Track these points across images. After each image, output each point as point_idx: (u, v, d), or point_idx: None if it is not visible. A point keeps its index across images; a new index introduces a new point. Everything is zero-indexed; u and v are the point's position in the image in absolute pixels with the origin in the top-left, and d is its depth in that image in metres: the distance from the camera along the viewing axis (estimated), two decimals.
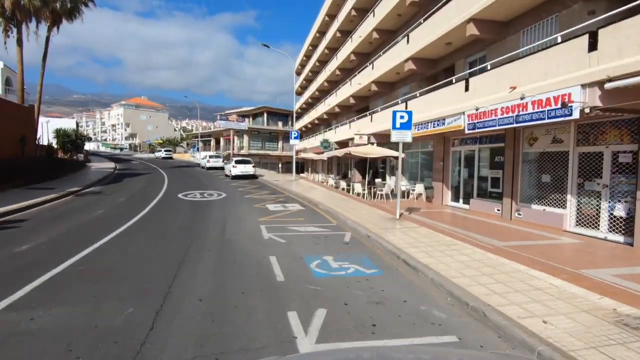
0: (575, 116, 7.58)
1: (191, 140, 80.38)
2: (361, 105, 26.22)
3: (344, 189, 20.07)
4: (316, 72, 39.74)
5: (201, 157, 43.06)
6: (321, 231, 9.18)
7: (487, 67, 11.18)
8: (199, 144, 67.32)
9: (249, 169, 24.66)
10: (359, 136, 20.73)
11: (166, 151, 57.67)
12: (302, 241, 8.06)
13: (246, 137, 56.81)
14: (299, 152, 36.23)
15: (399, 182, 10.50)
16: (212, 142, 67.60)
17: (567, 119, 7.82)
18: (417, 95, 15.34)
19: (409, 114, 10.23)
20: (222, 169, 30.86)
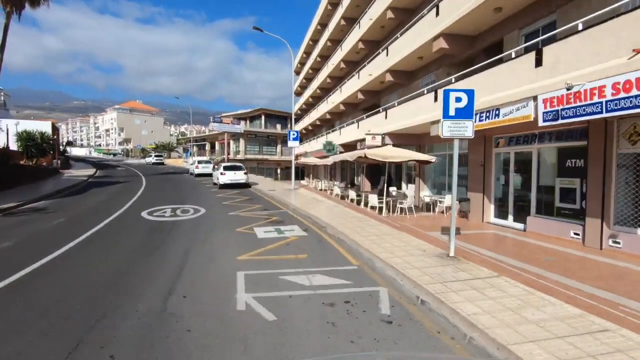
0: None
1: (186, 144, 76.85)
2: (371, 101, 22.64)
3: (353, 200, 16.44)
4: (317, 69, 36.25)
5: (190, 162, 39.41)
6: (337, 287, 5.47)
7: (578, 26, 7.56)
8: (193, 149, 63.76)
9: (239, 177, 20.92)
10: (372, 136, 17.11)
11: (157, 156, 54.02)
12: (306, 317, 4.38)
13: (242, 141, 53.26)
14: (298, 156, 32.62)
15: (454, 198, 6.84)
16: (207, 147, 64.03)
17: None
18: (453, 80, 11.72)
19: (469, 94, 6.57)
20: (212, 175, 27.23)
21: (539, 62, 8.27)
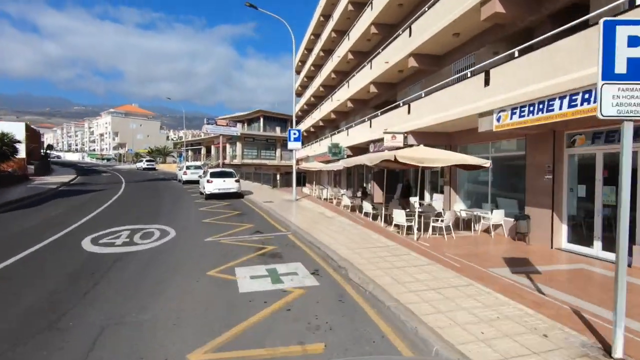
0: None
1: (181, 149, 73.64)
2: (385, 95, 19.35)
3: (367, 215, 13.11)
4: (319, 65, 33.01)
5: (178, 168, 35.96)
6: None
7: None
8: (188, 153, 60.46)
9: (229, 185, 17.43)
10: (391, 136, 13.80)
11: (148, 161, 50.58)
12: None
13: (239, 145, 49.95)
14: (299, 160, 29.27)
15: (623, 228, 3.62)
16: (203, 151, 60.70)
17: None
18: (516, 54, 8.39)
19: None
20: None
21: None
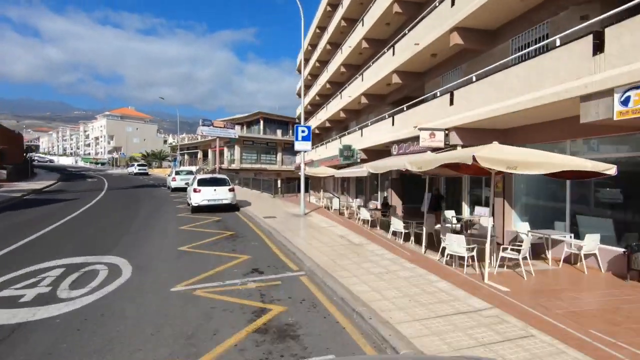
0: None
1: (175, 152, 70.53)
2: (408, 89, 16.23)
3: (395, 234, 10.02)
4: (325, 61, 29.94)
5: (168, 173, 32.70)
6: None
7: None
8: (184, 157, 57.30)
9: (221, 196, 14.03)
10: (429, 133, 10.65)
11: (140, 166, 47.37)
12: None
13: (238, 149, 46.78)
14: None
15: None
16: (199, 155, 57.53)
17: None
18: (621, 17, 5.25)
19: None
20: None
21: None
